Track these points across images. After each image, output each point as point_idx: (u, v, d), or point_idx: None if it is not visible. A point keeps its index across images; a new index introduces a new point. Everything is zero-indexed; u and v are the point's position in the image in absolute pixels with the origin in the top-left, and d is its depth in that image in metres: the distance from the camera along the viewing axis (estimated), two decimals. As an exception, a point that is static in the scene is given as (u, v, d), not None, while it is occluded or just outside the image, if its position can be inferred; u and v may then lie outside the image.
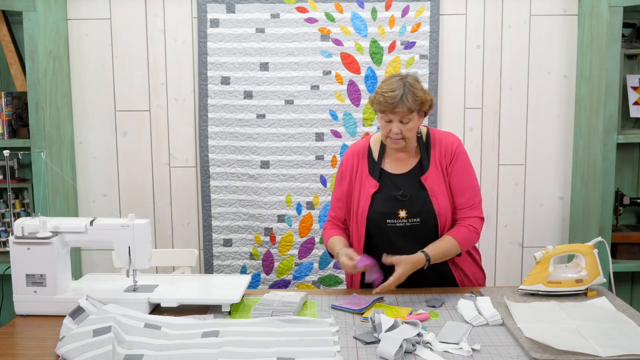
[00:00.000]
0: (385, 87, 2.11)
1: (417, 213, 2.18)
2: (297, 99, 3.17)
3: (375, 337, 1.77)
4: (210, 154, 3.22)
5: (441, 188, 2.20)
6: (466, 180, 2.23)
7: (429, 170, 2.21)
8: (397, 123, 2.12)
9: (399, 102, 2.07)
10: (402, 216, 2.18)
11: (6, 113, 3.08)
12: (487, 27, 3.19)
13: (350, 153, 2.33)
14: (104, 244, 2.07)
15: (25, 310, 2.03)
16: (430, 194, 2.18)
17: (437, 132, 2.30)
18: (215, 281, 2.34)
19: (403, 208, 2.18)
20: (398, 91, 2.08)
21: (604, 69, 2.93)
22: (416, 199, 2.18)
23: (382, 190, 2.22)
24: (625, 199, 3.15)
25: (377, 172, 2.25)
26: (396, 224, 2.19)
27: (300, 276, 3.27)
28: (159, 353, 1.68)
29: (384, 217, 2.20)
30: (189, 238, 3.33)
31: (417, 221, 2.18)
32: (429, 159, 2.22)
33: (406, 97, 2.08)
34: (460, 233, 2.18)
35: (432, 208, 2.18)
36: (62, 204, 3.09)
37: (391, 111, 2.10)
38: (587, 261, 2.09)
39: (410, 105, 2.09)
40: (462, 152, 2.24)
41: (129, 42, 3.21)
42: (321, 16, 3.13)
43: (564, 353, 1.63)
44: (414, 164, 2.24)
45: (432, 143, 2.25)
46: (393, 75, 2.16)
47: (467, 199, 2.21)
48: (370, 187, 2.23)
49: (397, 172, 2.24)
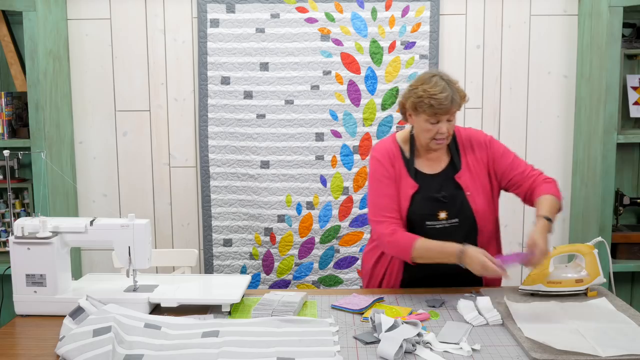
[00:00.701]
0: (431, 90, 2.05)
1: (456, 213, 2.16)
2: (297, 99, 3.17)
3: (375, 337, 1.77)
4: (210, 154, 3.22)
5: (476, 187, 2.18)
6: (511, 155, 2.22)
7: (462, 169, 2.19)
8: (445, 123, 2.09)
9: (451, 103, 2.05)
10: (441, 217, 2.15)
11: (6, 113, 3.08)
12: (487, 27, 3.19)
13: (384, 152, 2.23)
14: (104, 244, 2.07)
15: (25, 310, 2.03)
16: (467, 192, 2.16)
17: (462, 129, 2.27)
18: (215, 281, 2.34)
19: (443, 209, 2.15)
20: (447, 92, 2.04)
21: (604, 69, 2.93)
22: (455, 200, 2.16)
23: (421, 191, 2.17)
24: (625, 199, 3.15)
25: (412, 172, 2.20)
26: (435, 226, 2.16)
27: (300, 276, 3.27)
28: (159, 353, 1.68)
29: (423, 219, 2.16)
30: (189, 238, 3.33)
31: (456, 222, 2.16)
32: (460, 158, 2.20)
33: (455, 96, 2.06)
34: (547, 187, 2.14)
35: (469, 207, 2.16)
36: (62, 204, 3.09)
37: (445, 113, 2.06)
38: (587, 261, 2.09)
39: (459, 103, 2.08)
40: (491, 138, 2.24)
41: (129, 42, 3.21)
42: (321, 16, 3.13)
43: (564, 353, 1.63)
44: (445, 163, 2.21)
45: (459, 141, 2.23)
46: (431, 75, 2.10)
47: (523, 166, 2.21)
48: (409, 188, 2.17)
49: (431, 172, 2.21)
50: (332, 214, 3.24)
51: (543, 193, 2.12)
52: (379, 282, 2.31)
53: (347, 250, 3.26)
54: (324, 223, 3.24)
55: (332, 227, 3.24)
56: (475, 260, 1.97)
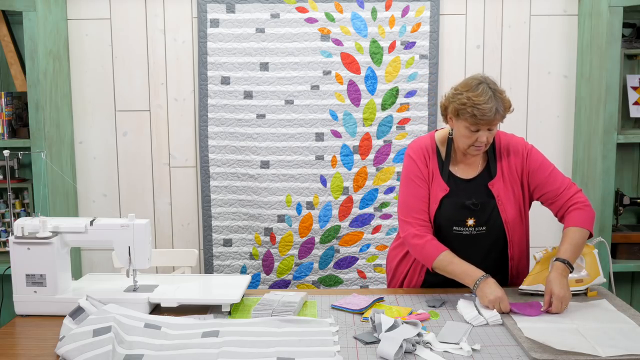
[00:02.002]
0: (476, 99, 1.98)
1: (485, 222, 2.12)
2: (297, 99, 3.17)
3: (375, 337, 1.77)
4: (210, 154, 3.22)
5: (508, 196, 2.13)
6: (548, 168, 2.14)
7: (496, 176, 2.14)
8: (485, 132, 2.03)
9: (495, 114, 1.99)
10: (469, 224, 2.12)
11: (6, 113, 3.08)
12: (487, 27, 3.19)
13: (419, 150, 2.18)
14: (104, 244, 2.07)
15: (25, 310, 2.03)
16: (498, 201, 2.12)
17: (503, 134, 2.21)
18: (215, 281, 2.34)
19: (472, 216, 2.12)
20: (492, 103, 1.98)
21: (604, 69, 2.93)
22: (485, 207, 2.12)
23: (451, 196, 2.13)
24: (625, 199, 3.14)
25: (445, 174, 2.15)
26: (462, 232, 2.13)
27: (300, 276, 3.27)
28: (159, 353, 1.68)
29: (451, 224, 2.13)
30: (189, 238, 3.33)
31: (484, 230, 2.13)
32: (496, 164, 2.15)
33: (499, 107, 2.00)
34: (577, 218, 2.08)
35: (499, 216, 2.12)
36: (62, 204, 3.09)
37: (487, 124, 2.01)
38: (587, 261, 2.09)
39: (503, 114, 2.02)
40: (532, 147, 2.17)
41: (129, 42, 3.21)
42: (321, 16, 3.13)
43: (564, 353, 1.63)
44: (481, 169, 2.17)
45: (497, 147, 2.17)
46: (478, 82, 2.03)
47: (560, 182, 2.13)
48: (439, 190, 2.14)
49: (465, 177, 2.16)
50: (332, 214, 3.24)
51: (573, 223, 2.08)
52: (402, 280, 2.30)
53: (347, 250, 3.26)
54: (324, 223, 3.24)
55: (332, 227, 3.24)
56: (493, 292, 1.92)
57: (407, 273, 2.28)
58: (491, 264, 2.13)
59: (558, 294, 1.91)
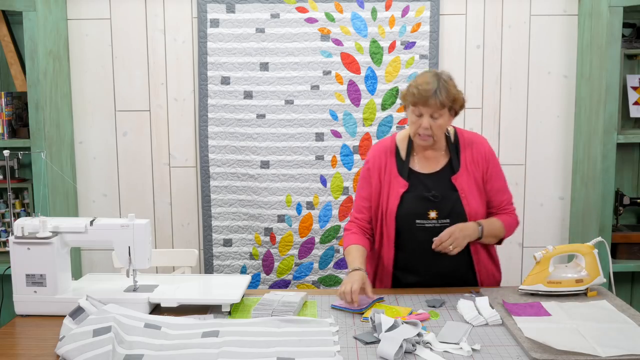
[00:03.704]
0: (419, 80, 2.12)
1: (448, 214, 2.17)
2: (297, 99, 3.17)
3: (375, 337, 1.77)
4: (210, 154, 3.22)
5: (472, 189, 2.19)
6: (502, 180, 2.27)
7: (459, 170, 2.20)
8: (427, 117, 2.11)
9: (433, 95, 2.07)
10: (432, 217, 2.17)
11: (6, 113, 3.08)
12: (487, 27, 3.19)
13: (377, 151, 2.30)
14: (104, 244, 2.07)
15: (25, 310, 2.03)
16: (461, 194, 2.18)
17: (465, 132, 2.29)
18: (215, 281, 2.34)
19: (434, 209, 2.17)
20: (432, 85, 2.08)
21: (604, 69, 2.93)
22: (447, 200, 2.17)
23: (411, 190, 2.20)
24: (625, 199, 3.15)
25: (405, 171, 2.23)
26: (425, 225, 2.18)
27: (300, 276, 3.27)
28: (159, 353, 1.68)
29: (413, 218, 2.18)
30: (189, 238, 3.33)
31: (447, 222, 2.17)
32: (459, 160, 2.21)
33: (440, 91, 2.08)
34: (505, 218, 2.24)
35: (462, 209, 2.17)
36: (62, 204, 3.09)
37: (424, 104, 2.09)
38: (587, 261, 2.09)
39: (443, 100, 2.08)
40: (493, 153, 2.27)
41: (129, 42, 3.21)
42: (321, 16, 3.13)
43: (564, 353, 1.63)
44: (443, 163, 2.23)
45: (461, 144, 2.24)
46: (428, 71, 2.18)
47: (507, 197, 2.28)
48: (399, 186, 2.21)
49: (426, 172, 2.23)
50: (332, 214, 3.24)
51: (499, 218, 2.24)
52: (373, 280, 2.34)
53: (347, 250, 3.26)
54: (324, 223, 3.24)
55: (332, 227, 3.24)
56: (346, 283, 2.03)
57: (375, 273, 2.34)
58: (458, 256, 2.17)
59: (453, 229, 2.08)
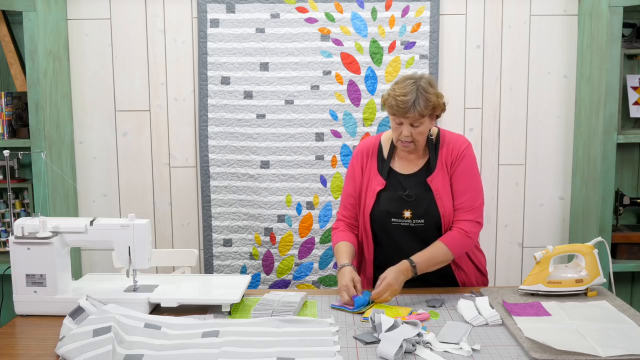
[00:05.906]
0: (398, 91, 2.08)
1: (422, 214, 2.18)
2: (297, 99, 3.17)
3: (375, 337, 1.77)
4: (210, 154, 3.22)
5: (446, 190, 2.19)
6: (468, 182, 2.20)
7: (435, 171, 2.20)
8: (407, 126, 2.11)
9: (411, 108, 2.06)
10: (406, 216, 2.19)
11: (6, 113, 3.08)
12: (487, 27, 3.19)
13: (361, 150, 2.32)
14: (104, 244, 2.07)
15: (25, 310, 2.03)
16: (436, 195, 2.18)
17: (448, 133, 2.27)
18: (215, 281, 2.34)
19: (408, 208, 2.19)
20: (410, 96, 2.06)
21: (604, 69, 2.93)
22: (421, 200, 2.18)
23: (388, 189, 2.22)
24: (625, 199, 3.14)
25: (385, 170, 2.25)
26: (400, 224, 2.20)
27: (300, 276, 3.27)
28: (159, 353, 1.68)
29: (388, 216, 2.20)
30: (189, 238, 3.33)
31: (422, 222, 2.18)
32: (437, 160, 2.21)
33: (418, 102, 2.06)
34: (451, 237, 2.16)
35: (436, 210, 2.17)
36: (62, 204, 3.09)
37: (402, 115, 2.08)
38: (587, 261, 2.09)
39: (422, 111, 2.07)
40: (469, 154, 2.22)
41: (129, 42, 3.21)
42: (321, 16, 3.13)
43: (564, 353, 1.63)
44: (421, 164, 2.24)
45: (440, 145, 2.23)
46: (407, 78, 2.13)
47: (466, 200, 2.18)
48: (376, 185, 2.23)
49: (404, 172, 2.24)
50: (332, 214, 3.24)
51: (442, 240, 2.16)
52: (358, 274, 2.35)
53: (347, 250, 3.26)
54: (324, 223, 3.24)
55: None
56: (340, 280, 2.09)
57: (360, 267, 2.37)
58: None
59: (389, 281, 2.04)
